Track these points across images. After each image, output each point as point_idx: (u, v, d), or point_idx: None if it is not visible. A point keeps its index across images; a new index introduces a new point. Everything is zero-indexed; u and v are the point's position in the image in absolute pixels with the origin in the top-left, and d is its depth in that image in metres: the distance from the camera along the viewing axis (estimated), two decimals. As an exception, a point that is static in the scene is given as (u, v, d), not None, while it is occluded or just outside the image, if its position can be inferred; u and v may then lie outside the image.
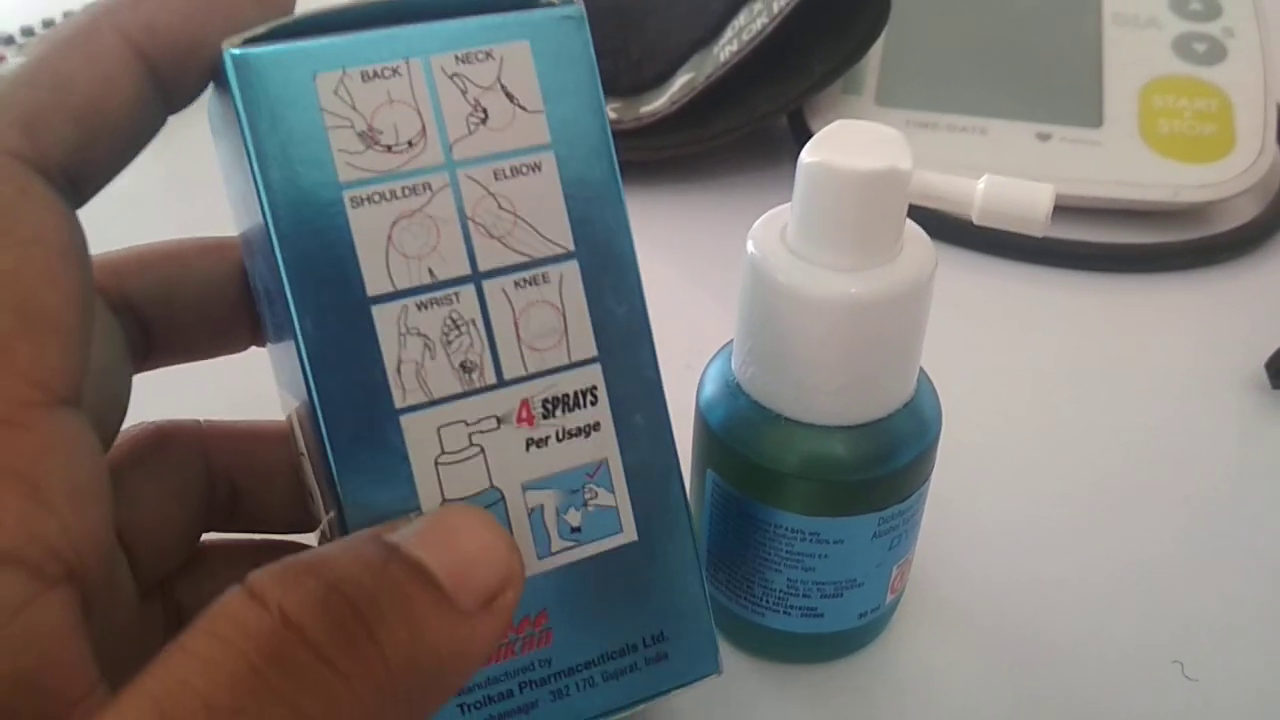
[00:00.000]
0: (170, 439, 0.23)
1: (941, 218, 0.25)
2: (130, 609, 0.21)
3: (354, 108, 0.17)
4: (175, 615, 0.24)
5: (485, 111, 0.18)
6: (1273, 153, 0.43)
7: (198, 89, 0.18)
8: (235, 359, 0.23)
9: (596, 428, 0.20)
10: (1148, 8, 0.47)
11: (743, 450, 0.23)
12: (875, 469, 0.23)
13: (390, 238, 0.18)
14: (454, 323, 0.18)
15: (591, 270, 0.19)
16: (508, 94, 0.18)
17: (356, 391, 0.18)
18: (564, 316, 0.19)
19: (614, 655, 0.21)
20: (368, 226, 0.18)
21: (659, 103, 0.44)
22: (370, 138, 0.17)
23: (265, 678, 0.14)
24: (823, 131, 0.22)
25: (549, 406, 0.19)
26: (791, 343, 0.22)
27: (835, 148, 0.21)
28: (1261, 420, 0.34)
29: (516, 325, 0.19)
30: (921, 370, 0.24)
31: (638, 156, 0.44)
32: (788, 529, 0.23)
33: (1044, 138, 0.44)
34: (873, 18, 0.43)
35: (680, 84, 0.44)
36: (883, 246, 0.22)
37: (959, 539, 0.30)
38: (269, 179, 0.17)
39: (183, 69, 0.17)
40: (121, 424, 0.18)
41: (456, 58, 0.18)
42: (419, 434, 0.18)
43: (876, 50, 0.47)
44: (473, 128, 0.18)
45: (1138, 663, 0.26)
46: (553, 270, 0.19)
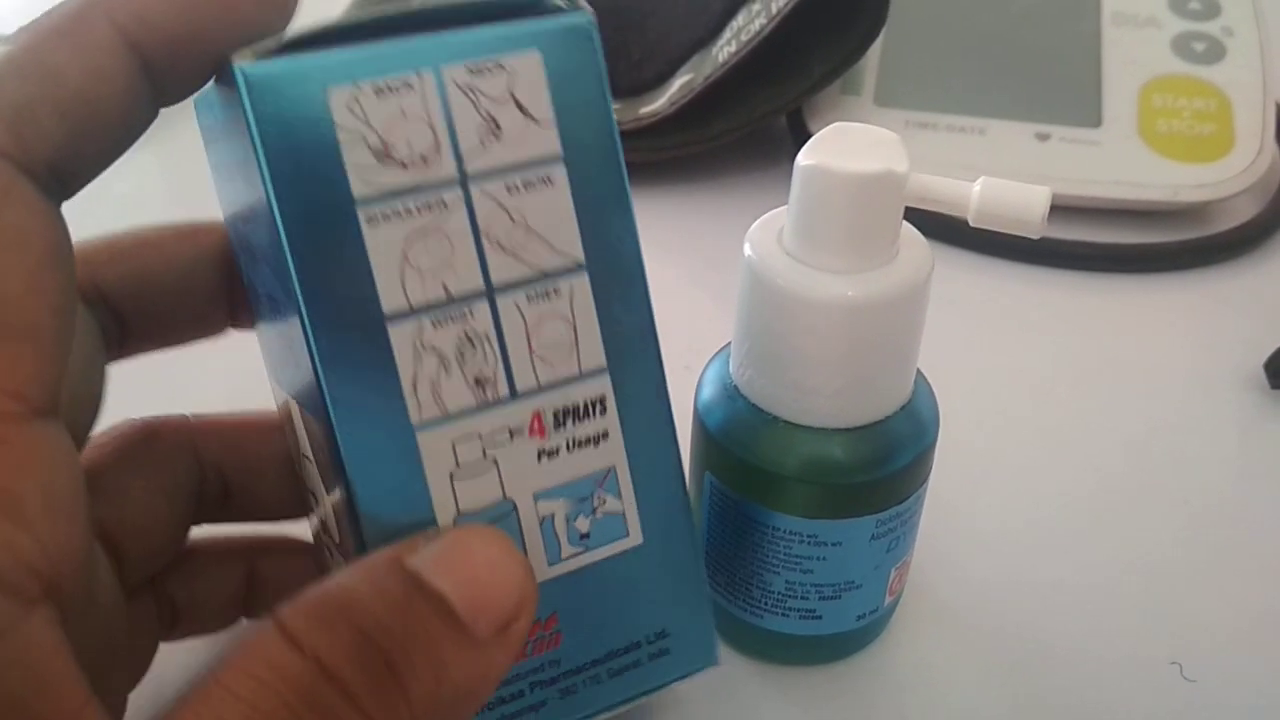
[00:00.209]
0: (158, 435, 0.23)
1: (938, 217, 0.25)
2: (114, 609, 0.20)
3: (367, 123, 0.17)
4: (169, 610, 0.24)
5: (497, 124, 0.18)
6: (1272, 152, 0.43)
7: (193, 85, 0.17)
8: (221, 346, 0.23)
9: (605, 436, 0.20)
10: (1147, 7, 0.47)
11: (741, 453, 0.23)
12: (873, 471, 0.23)
13: (405, 255, 0.18)
14: (468, 338, 0.18)
15: (601, 281, 0.19)
16: (519, 106, 0.18)
17: (373, 409, 0.18)
18: (574, 328, 0.19)
19: (619, 653, 0.21)
20: (383, 244, 0.17)
21: (658, 103, 0.44)
22: (384, 153, 0.17)
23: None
24: (819, 134, 0.22)
25: (560, 417, 0.19)
26: (789, 345, 0.22)
27: (832, 150, 0.21)
28: (1260, 420, 0.34)
29: (529, 338, 0.19)
30: (919, 372, 0.24)
31: (637, 157, 0.43)
32: (786, 531, 0.23)
33: (1043, 138, 0.44)
34: (871, 18, 0.43)
35: (679, 85, 0.44)
36: (879, 249, 0.22)
37: (957, 541, 0.30)
38: (283, 197, 0.17)
39: (177, 64, 0.17)
40: (97, 417, 0.17)
41: (469, 69, 0.17)
42: (434, 449, 0.18)
43: (875, 51, 0.47)
44: (485, 141, 0.18)
45: (1136, 664, 0.26)
46: (564, 283, 0.19)
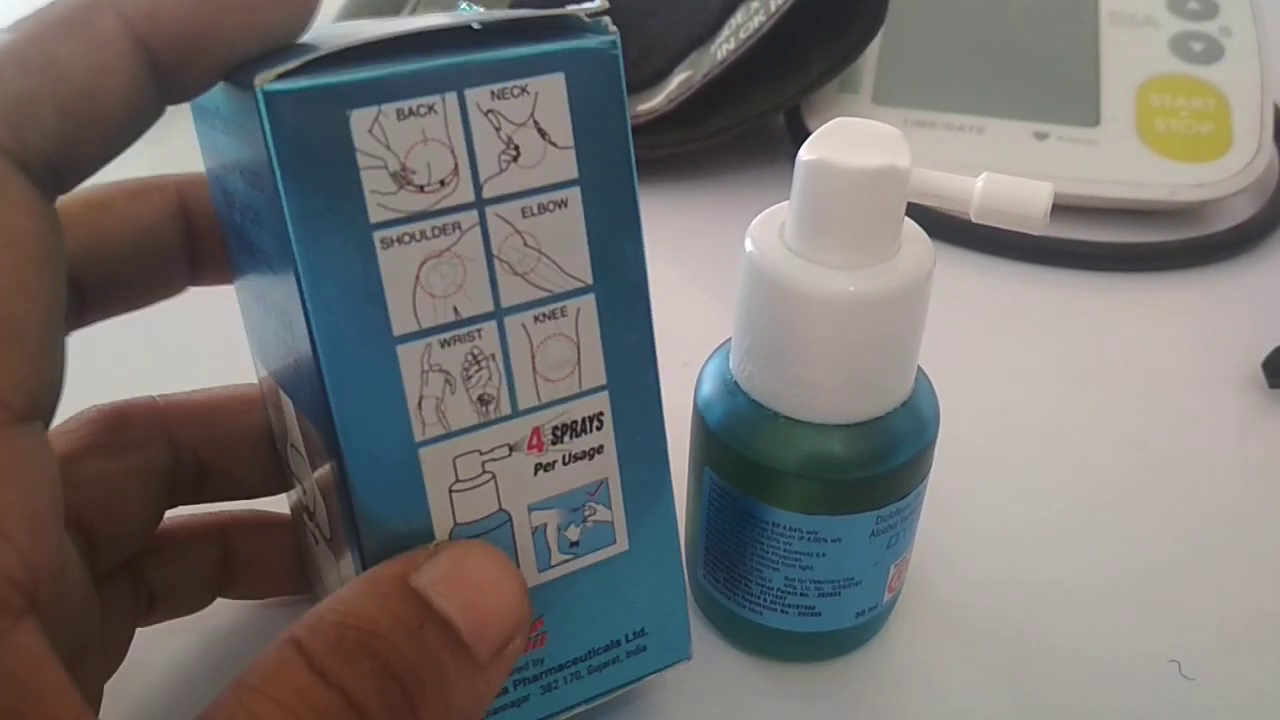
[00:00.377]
0: (128, 419, 0.22)
1: (940, 216, 0.25)
2: (85, 599, 0.20)
3: (388, 146, 0.17)
4: (147, 596, 0.24)
5: (517, 149, 0.18)
6: (1269, 152, 0.43)
7: (202, 86, 0.17)
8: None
9: (600, 450, 0.20)
10: (1145, 7, 0.47)
11: (740, 449, 0.23)
12: (873, 467, 0.23)
13: (418, 278, 0.17)
14: (474, 358, 0.18)
15: (606, 302, 0.19)
16: (540, 130, 0.18)
17: (378, 426, 0.18)
18: (578, 348, 0.19)
19: (600, 651, 0.22)
20: (396, 267, 0.17)
21: (656, 101, 0.44)
22: (403, 178, 0.17)
23: None
24: (821, 129, 0.21)
25: (558, 433, 0.20)
26: (789, 341, 0.22)
27: (833, 145, 0.21)
28: (1258, 419, 0.34)
29: (533, 358, 0.19)
30: (919, 369, 0.24)
31: (635, 155, 0.44)
32: (785, 527, 0.23)
33: (1041, 137, 0.44)
34: (870, 16, 0.43)
35: (678, 82, 0.44)
36: (881, 244, 0.22)
37: (957, 538, 0.30)
38: (298, 220, 0.16)
39: (187, 64, 0.16)
40: (59, 394, 0.17)
41: (492, 93, 0.17)
42: (435, 464, 0.19)
43: (874, 49, 0.47)
44: (504, 165, 0.18)
45: (1135, 662, 0.26)
46: (570, 304, 0.19)
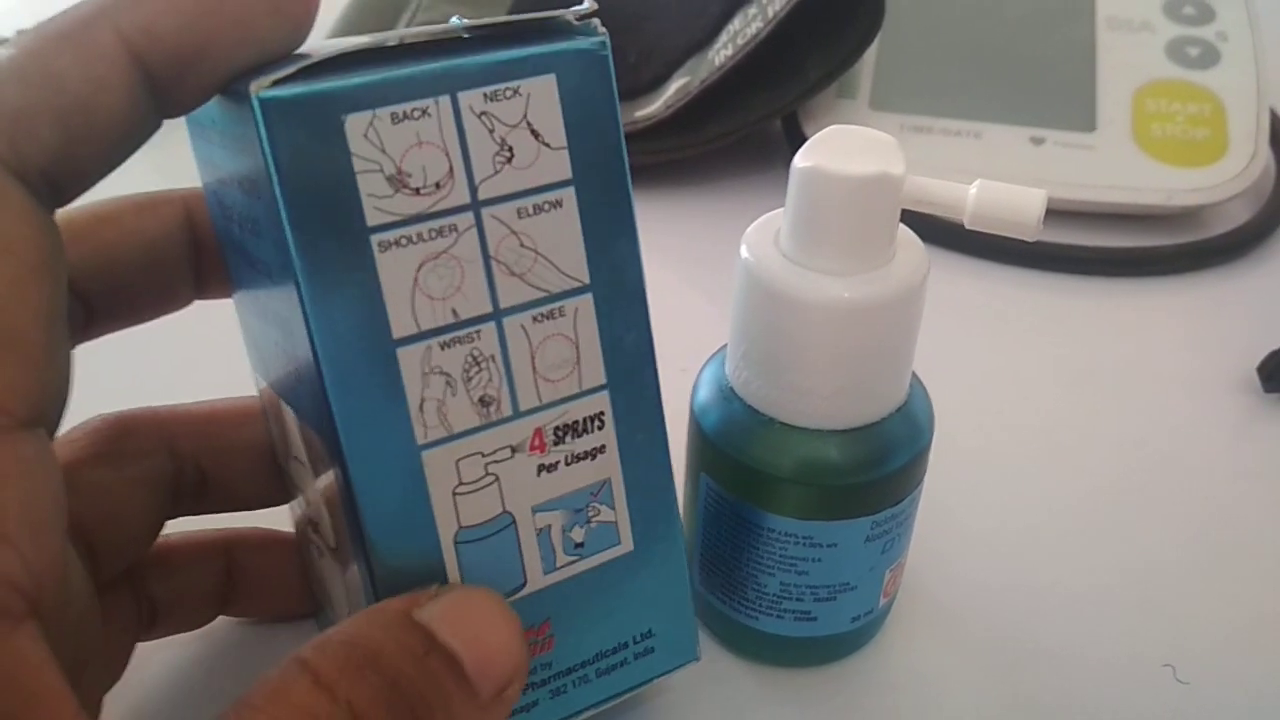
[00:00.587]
0: (130, 430, 0.22)
1: (935, 222, 0.25)
2: (87, 609, 0.20)
3: (383, 150, 0.17)
4: (149, 610, 0.24)
5: (511, 150, 0.18)
6: (1265, 157, 0.43)
7: (199, 100, 0.17)
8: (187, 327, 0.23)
9: (602, 450, 0.20)
10: (1141, 12, 0.47)
11: (736, 454, 0.23)
12: (868, 473, 0.23)
13: (416, 280, 0.18)
14: (474, 359, 0.18)
15: (604, 301, 0.19)
16: (533, 131, 0.18)
17: (380, 431, 0.18)
18: (577, 348, 0.19)
19: (607, 653, 0.22)
20: (394, 270, 0.17)
21: (654, 107, 0.44)
22: (399, 181, 0.17)
23: None
24: (816, 136, 0.22)
25: (560, 433, 0.20)
26: (785, 347, 0.22)
27: (828, 152, 0.21)
28: (1253, 424, 0.34)
29: (533, 358, 0.19)
30: (914, 374, 0.24)
31: (633, 160, 0.43)
32: (781, 532, 0.23)
33: (1038, 142, 0.44)
34: (867, 22, 0.43)
35: (675, 88, 0.44)
36: (876, 251, 0.22)
37: (952, 543, 0.30)
38: (296, 226, 0.17)
39: (182, 78, 0.16)
40: (65, 405, 0.17)
41: (485, 95, 0.17)
42: (438, 467, 0.19)
43: (871, 55, 0.47)
44: (498, 167, 0.18)
45: (1130, 667, 0.26)
46: (568, 304, 0.19)
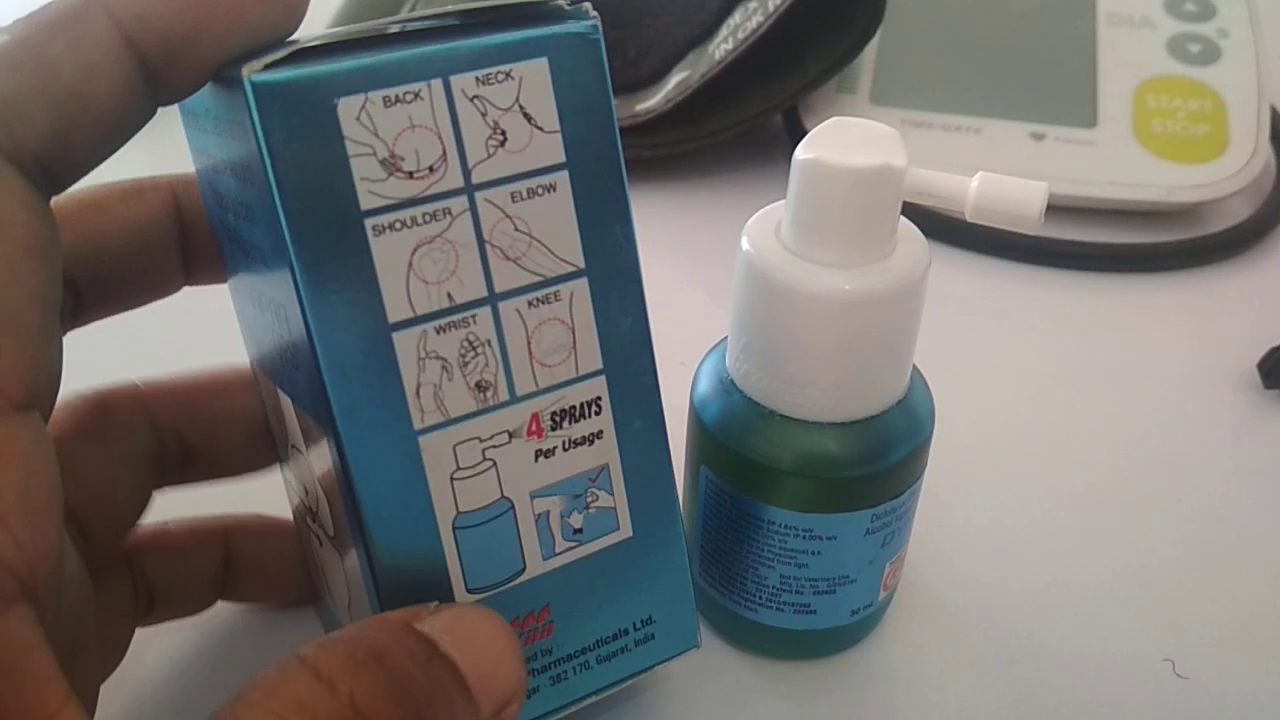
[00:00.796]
0: (111, 407, 0.22)
1: (935, 216, 0.25)
2: (82, 594, 0.20)
3: (376, 134, 0.17)
4: (147, 596, 0.24)
5: (504, 134, 0.18)
6: (1266, 153, 0.43)
7: (192, 85, 0.17)
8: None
9: (600, 435, 0.20)
10: (1142, 8, 0.47)
11: (736, 447, 0.23)
12: (868, 466, 0.23)
13: (411, 264, 0.18)
14: (470, 344, 0.18)
15: (599, 285, 0.19)
16: (526, 115, 0.18)
17: (377, 417, 0.18)
18: (573, 332, 0.19)
19: (608, 640, 0.22)
20: (389, 254, 0.17)
21: (654, 101, 0.44)
22: (392, 164, 0.17)
23: None
24: (817, 128, 0.22)
25: (557, 418, 0.20)
26: (785, 339, 0.22)
27: (830, 145, 0.21)
28: (1253, 420, 0.34)
29: (529, 343, 0.19)
30: (915, 368, 0.24)
31: (633, 154, 0.44)
32: (781, 525, 0.23)
33: (1038, 138, 0.44)
34: (868, 17, 0.43)
35: (675, 82, 0.44)
36: (877, 243, 0.22)
37: (952, 537, 0.30)
38: (291, 210, 0.17)
39: (176, 63, 0.16)
40: (58, 387, 0.17)
41: (477, 79, 0.17)
42: (436, 452, 0.19)
43: (871, 49, 0.47)
44: (491, 150, 0.18)
45: (1129, 661, 0.26)
46: (564, 288, 0.19)
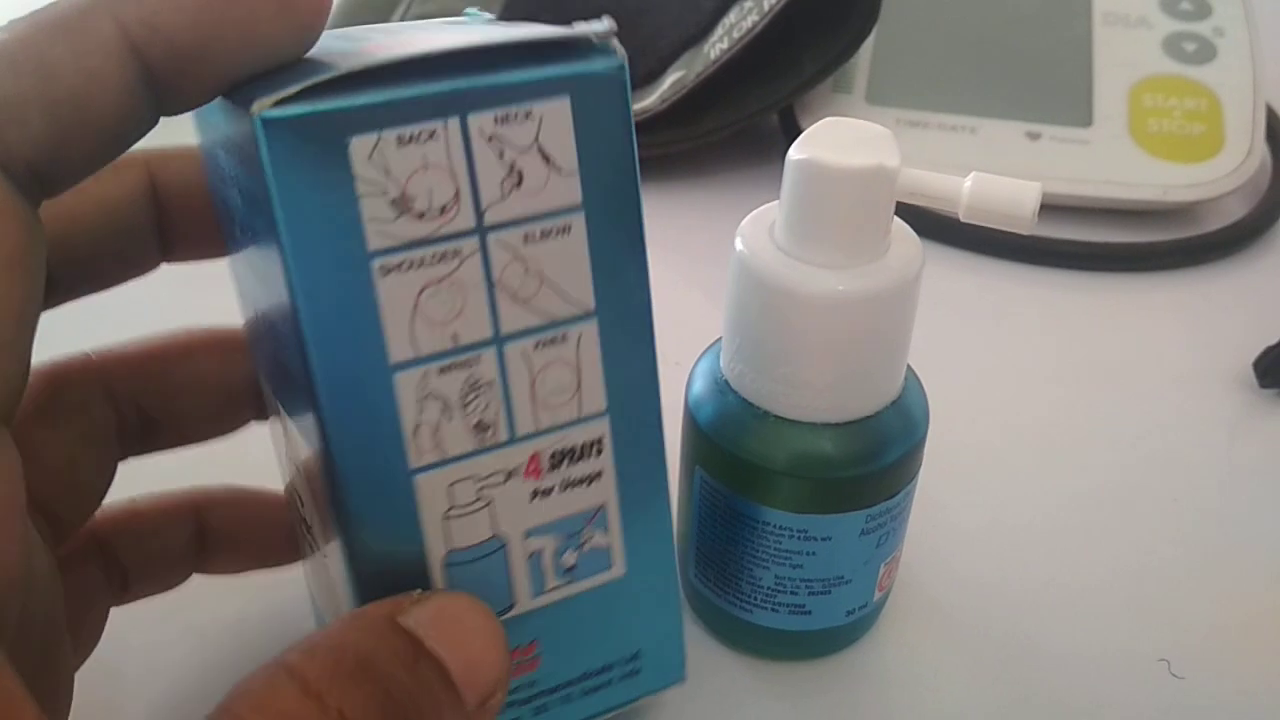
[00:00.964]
0: (65, 381, 0.22)
1: (930, 215, 0.25)
2: (50, 586, 0.20)
3: (387, 173, 0.16)
4: (120, 575, 0.23)
5: (520, 175, 0.17)
6: (1261, 152, 0.43)
7: (199, 100, 0.16)
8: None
9: (599, 476, 0.20)
10: (1138, 7, 0.47)
11: (731, 448, 0.23)
12: (863, 466, 0.23)
13: (417, 305, 0.17)
14: (473, 385, 0.18)
15: (609, 328, 0.19)
16: (544, 155, 0.17)
17: (373, 453, 0.18)
18: (579, 374, 0.19)
19: (594, 674, 0.22)
20: (394, 295, 0.17)
21: (650, 100, 0.44)
22: (403, 204, 0.16)
23: None
24: (811, 129, 0.22)
25: (556, 459, 0.19)
26: (779, 340, 0.22)
27: (823, 145, 0.21)
28: (1249, 419, 0.34)
29: (533, 384, 0.19)
30: (909, 368, 0.24)
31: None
32: (775, 526, 0.23)
33: (1034, 137, 0.44)
34: (863, 16, 0.43)
35: (671, 82, 0.44)
36: (870, 244, 0.22)
37: (947, 537, 0.30)
38: (297, 248, 0.16)
39: (184, 76, 0.16)
40: (22, 395, 0.16)
41: (496, 118, 0.17)
42: (430, 491, 0.18)
43: (867, 49, 0.47)
44: (506, 192, 0.17)
45: (1124, 661, 0.26)
46: (572, 330, 0.19)
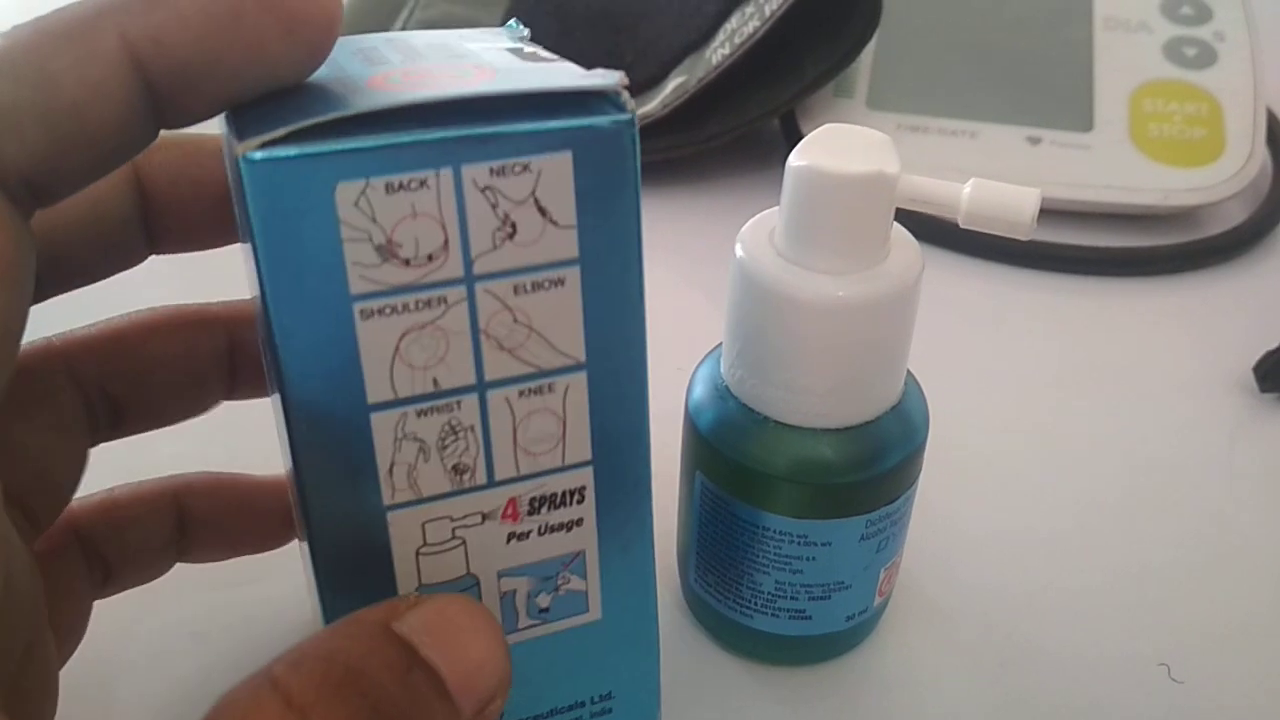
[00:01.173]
0: (27, 370, 0.21)
1: (930, 219, 0.25)
2: (27, 584, 0.19)
3: (374, 220, 0.16)
4: (101, 568, 0.23)
5: (514, 227, 0.16)
6: (1262, 156, 0.43)
7: (201, 117, 0.16)
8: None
9: (579, 523, 0.19)
10: (1139, 12, 0.47)
11: (731, 453, 0.23)
12: (863, 471, 0.23)
13: (398, 349, 0.17)
14: (452, 428, 0.18)
15: (599, 379, 0.18)
16: (541, 209, 0.17)
17: (346, 489, 0.17)
18: (564, 423, 0.18)
19: (562, 710, 0.21)
20: (375, 338, 0.16)
21: (651, 105, 0.44)
22: (388, 250, 0.16)
23: None
24: (811, 135, 0.22)
25: (535, 504, 0.19)
26: (779, 346, 0.22)
27: (823, 151, 0.21)
28: (1249, 423, 0.34)
29: (515, 431, 0.18)
30: (909, 373, 0.24)
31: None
32: (776, 531, 0.23)
33: (1034, 141, 0.44)
34: (864, 21, 0.43)
35: (672, 87, 0.44)
36: (870, 250, 0.22)
37: (947, 542, 0.30)
38: (278, 286, 0.16)
39: (185, 92, 0.16)
40: (6, 385, 0.16)
41: (492, 170, 0.16)
42: (404, 528, 0.18)
43: (868, 54, 0.47)
44: (499, 242, 0.17)
45: (1124, 665, 0.26)
46: (559, 381, 0.18)
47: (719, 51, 0.43)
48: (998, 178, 0.21)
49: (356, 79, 0.17)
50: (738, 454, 0.23)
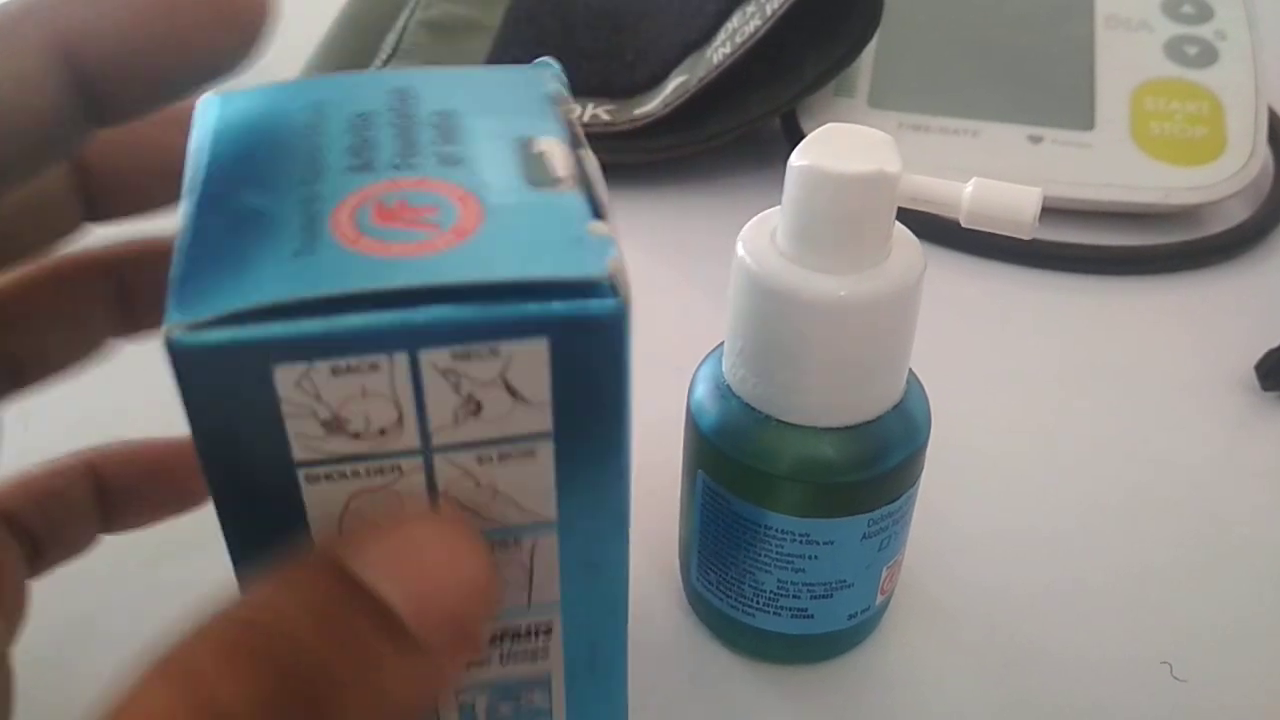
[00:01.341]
0: None
1: (932, 218, 0.25)
2: None
3: (318, 398, 0.14)
4: (30, 545, 0.23)
5: (479, 405, 0.15)
6: (1263, 155, 0.43)
7: (136, 110, 0.16)
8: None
9: (544, 653, 0.18)
10: (1140, 10, 0.47)
11: (733, 452, 0.23)
12: (865, 470, 0.23)
13: (348, 507, 0.16)
14: None
15: (571, 535, 0.17)
16: (510, 389, 0.15)
17: None
18: (530, 574, 0.17)
19: None
20: (322, 500, 0.15)
21: (652, 105, 0.44)
22: (335, 425, 0.15)
23: None
24: (812, 135, 0.22)
25: (497, 638, 0.18)
26: (781, 345, 0.22)
27: (824, 151, 0.21)
28: (1251, 422, 0.34)
29: None
30: (911, 372, 0.24)
31: (630, 159, 0.44)
32: (778, 530, 0.23)
33: (1036, 140, 0.44)
34: (865, 20, 0.43)
35: (673, 86, 0.44)
36: (871, 249, 0.22)
37: (949, 541, 0.30)
38: (211, 458, 0.15)
39: (118, 86, 0.15)
40: None
41: (453, 354, 0.14)
42: None
43: (869, 53, 0.47)
44: (461, 419, 0.15)
45: (1127, 664, 0.26)
46: (527, 537, 0.17)
47: (720, 51, 0.43)
48: (999, 176, 0.21)
49: (323, 209, 0.15)
50: (740, 453, 0.23)
